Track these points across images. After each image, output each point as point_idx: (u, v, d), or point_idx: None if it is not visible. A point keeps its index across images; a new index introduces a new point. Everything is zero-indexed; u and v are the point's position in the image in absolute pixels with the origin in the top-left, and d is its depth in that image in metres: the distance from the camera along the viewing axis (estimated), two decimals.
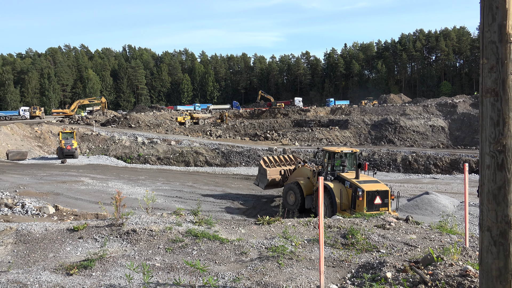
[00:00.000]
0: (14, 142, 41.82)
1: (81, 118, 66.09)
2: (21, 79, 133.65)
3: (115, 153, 41.10)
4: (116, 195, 9.80)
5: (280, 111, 77.46)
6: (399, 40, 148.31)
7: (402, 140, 51.32)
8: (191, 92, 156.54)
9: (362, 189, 15.65)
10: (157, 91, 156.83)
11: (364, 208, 15.30)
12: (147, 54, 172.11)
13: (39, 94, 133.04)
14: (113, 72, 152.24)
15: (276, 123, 65.16)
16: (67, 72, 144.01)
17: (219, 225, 10.23)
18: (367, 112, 71.91)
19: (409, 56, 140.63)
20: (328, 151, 18.46)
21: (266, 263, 7.64)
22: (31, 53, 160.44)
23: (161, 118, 68.75)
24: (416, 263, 6.86)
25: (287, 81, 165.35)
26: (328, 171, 18.02)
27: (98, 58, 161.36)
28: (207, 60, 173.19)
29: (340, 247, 8.68)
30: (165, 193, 21.37)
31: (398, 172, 34.43)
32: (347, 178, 16.88)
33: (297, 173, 20.54)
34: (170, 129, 56.57)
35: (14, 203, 14.66)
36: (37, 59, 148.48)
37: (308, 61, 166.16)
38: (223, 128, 59.32)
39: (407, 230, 9.98)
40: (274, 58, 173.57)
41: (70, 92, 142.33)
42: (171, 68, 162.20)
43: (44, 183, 22.07)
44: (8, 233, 9.33)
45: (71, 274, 7.16)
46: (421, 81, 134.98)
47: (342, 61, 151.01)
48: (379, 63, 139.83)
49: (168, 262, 7.80)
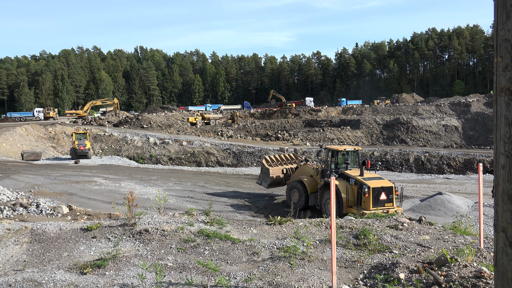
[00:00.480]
0: (29, 142, 42.44)
1: (94, 119, 66.80)
2: (35, 81, 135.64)
3: (127, 153, 41.44)
4: (129, 195, 9.89)
5: (291, 111, 77.31)
6: (411, 39, 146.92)
7: (414, 140, 50.83)
8: (202, 93, 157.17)
9: (368, 186, 15.90)
10: (168, 92, 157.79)
11: (370, 204, 15.61)
12: (159, 55, 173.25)
13: (53, 96, 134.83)
14: (125, 73, 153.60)
15: (287, 123, 65.06)
16: (80, 73, 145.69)
17: (231, 225, 10.26)
18: (379, 112, 71.39)
19: (422, 55, 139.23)
20: (331, 150, 18.72)
21: (278, 264, 7.63)
22: (45, 55, 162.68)
23: (173, 119, 69.14)
24: (429, 264, 6.80)
25: (298, 81, 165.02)
26: (332, 169, 18.23)
27: (111, 59, 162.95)
28: (218, 60, 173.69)
29: (352, 248, 8.64)
30: (177, 193, 21.49)
31: (410, 172, 34.10)
32: (351, 176, 17.08)
33: (300, 171, 20.73)
34: (182, 130, 56.86)
35: (29, 203, 14.88)
36: (51, 61, 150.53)
37: (319, 61, 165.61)
38: (234, 129, 59.42)
39: (420, 230, 9.89)
40: (285, 58, 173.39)
41: (83, 93, 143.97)
42: (183, 69, 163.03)
43: (58, 183, 22.35)
44: (23, 233, 9.47)
45: (85, 273, 7.25)
46: (434, 80, 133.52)
47: (354, 60, 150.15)
48: (391, 63, 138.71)
49: (180, 261, 7.84)
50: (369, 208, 15.63)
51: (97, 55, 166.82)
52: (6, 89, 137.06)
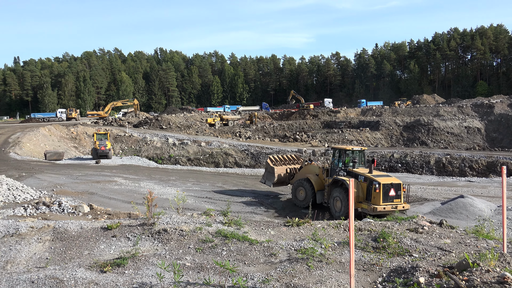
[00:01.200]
0: (52, 143, 43.38)
1: (115, 120, 67.82)
2: (58, 82, 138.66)
3: (146, 154, 41.94)
4: (148, 195, 10.00)
5: (310, 112, 76.97)
6: (433, 39, 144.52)
7: (435, 142, 49.96)
8: (220, 94, 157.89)
9: (379, 182, 16.40)
10: (187, 93, 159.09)
11: (380, 199, 16.15)
12: (178, 57, 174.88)
13: (75, 97, 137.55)
14: (145, 75, 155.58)
15: (305, 125, 64.79)
16: (102, 75, 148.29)
17: (249, 226, 10.27)
18: (399, 113, 70.43)
19: (443, 55, 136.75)
20: (339, 149, 19.39)
21: (296, 265, 7.60)
22: (67, 57, 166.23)
23: (192, 120, 69.66)
24: (450, 269, 6.67)
25: (316, 82, 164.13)
26: (340, 168, 18.71)
27: (131, 61, 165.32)
28: (237, 62, 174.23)
29: (371, 251, 8.54)
30: (195, 193, 21.63)
31: (431, 174, 33.51)
32: (360, 173, 17.64)
33: (305, 170, 21.26)
34: (200, 131, 57.24)
35: (51, 202, 15.19)
36: (73, 63, 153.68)
37: (338, 62, 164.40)
38: (253, 130, 59.49)
39: (441, 234, 9.72)
40: (303, 59, 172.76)
41: (104, 95, 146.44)
42: (201, 70, 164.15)
43: (79, 183, 22.77)
44: (46, 231, 9.68)
45: (105, 272, 7.36)
46: (456, 81, 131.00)
47: (373, 61, 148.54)
48: (411, 63, 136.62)
49: (198, 262, 7.89)
50: (379, 204, 16.16)
51: (118, 57, 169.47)
52: (31, 90, 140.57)
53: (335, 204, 18.00)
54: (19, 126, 59.26)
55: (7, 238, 9.28)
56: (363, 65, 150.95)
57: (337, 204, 17.93)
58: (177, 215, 11.02)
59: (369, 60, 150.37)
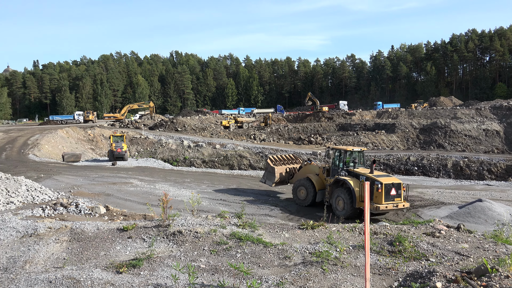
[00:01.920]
0: (69, 145, 44.07)
1: (131, 122, 68.56)
2: (76, 85, 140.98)
3: (162, 156, 42.27)
4: (163, 197, 10.08)
5: (325, 115, 76.59)
6: (450, 40, 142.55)
7: (453, 145, 49.18)
8: (235, 96, 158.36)
9: (381, 182, 16.95)
10: (202, 96, 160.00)
11: (382, 198, 16.73)
12: (193, 60, 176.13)
13: (92, 99, 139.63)
14: (160, 78, 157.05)
15: (320, 127, 64.49)
16: (118, 78, 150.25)
17: (263, 229, 10.26)
18: (415, 116, 69.56)
19: (461, 57, 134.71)
20: (339, 149, 19.98)
21: (310, 268, 7.57)
22: (85, 60, 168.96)
23: (206, 122, 69.99)
24: (468, 274, 6.55)
25: (331, 85, 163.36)
26: (341, 168, 19.26)
27: (147, 64, 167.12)
28: (252, 64, 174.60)
29: (387, 254, 8.45)
30: (209, 195, 21.70)
31: (448, 178, 32.99)
32: (361, 173, 18.20)
33: (304, 170, 21.80)
34: (215, 133, 57.44)
35: (68, 203, 15.42)
36: (91, 66, 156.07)
37: (353, 64, 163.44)
38: (267, 132, 59.47)
39: (458, 238, 9.56)
40: (318, 62, 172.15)
41: (120, 97, 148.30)
42: (216, 73, 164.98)
43: (96, 184, 23.07)
44: (63, 231, 9.83)
45: (121, 272, 7.44)
46: (474, 83, 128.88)
47: (389, 63, 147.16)
48: (428, 65, 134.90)
49: (212, 264, 7.91)
50: (382, 203, 16.76)
51: (134, 60, 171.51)
52: (49, 93, 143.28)
53: (338, 204, 18.50)
54: (38, 128, 60.37)
55: (26, 238, 9.45)
56: (379, 67, 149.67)
57: (340, 203, 18.38)
58: (191, 217, 11.08)
59: (385, 62, 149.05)
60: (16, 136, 46.35)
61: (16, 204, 15.26)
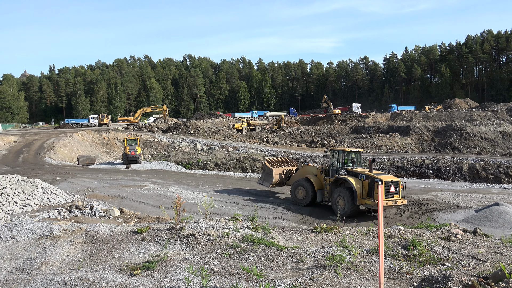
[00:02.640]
0: (84, 148, 44.64)
1: (145, 126, 69.16)
2: (91, 89, 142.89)
3: (175, 159, 42.53)
4: (176, 200, 10.13)
5: (338, 117, 76.22)
6: (465, 42, 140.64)
7: (468, 148, 48.46)
8: (248, 99, 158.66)
9: (381, 180, 17.76)
10: (215, 99, 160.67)
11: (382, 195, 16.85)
12: (206, 63, 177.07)
13: (107, 103, 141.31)
14: (174, 81, 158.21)
15: (333, 130, 64.19)
16: (132, 81, 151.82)
17: (276, 232, 10.23)
18: (430, 118, 68.78)
19: (476, 58, 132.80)
20: (338, 150, 20.83)
21: (323, 272, 7.52)
22: (100, 65, 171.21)
23: (219, 125, 70.24)
24: (485, 279, 6.43)
25: (344, 87, 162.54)
26: (339, 167, 20.06)
27: (160, 67, 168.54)
28: (264, 67, 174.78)
29: (401, 259, 8.35)
30: (222, 198, 21.74)
31: (464, 181, 32.48)
32: (360, 172, 19.14)
33: (302, 171, 22.44)
34: (228, 136, 57.60)
35: (83, 205, 15.61)
36: (105, 70, 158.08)
37: (366, 66, 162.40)
38: (280, 135, 59.41)
39: (474, 243, 9.40)
40: (331, 64, 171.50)
41: (134, 101, 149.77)
42: (229, 76, 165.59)
43: (110, 187, 23.29)
44: (78, 233, 9.95)
45: (135, 275, 7.49)
46: (490, 84, 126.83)
47: (403, 65, 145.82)
48: (442, 67, 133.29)
49: (225, 266, 7.91)
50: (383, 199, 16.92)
51: (148, 63, 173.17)
52: (65, 97, 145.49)
53: (338, 202, 19.16)
54: (54, 132, 61.29)
55: (42, 240, 9.59)
56: (393, 69, 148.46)
57: (340, 202, 19.05)
58: (205, 219, 11.12)
59: (398, 64, 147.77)
60: (32, 140, 47.12)
61: (32, 206, 15.51)
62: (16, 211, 14.69)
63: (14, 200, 15.40)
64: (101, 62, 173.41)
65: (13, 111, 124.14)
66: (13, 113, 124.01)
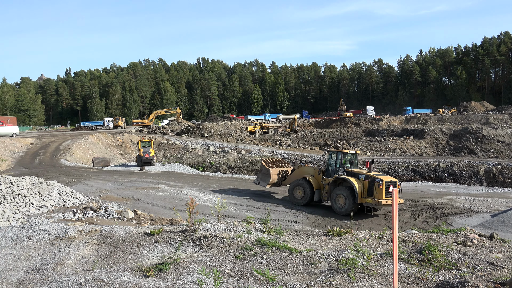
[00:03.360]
0: (99, 150, 45.16)
1: (158, 128, 69.69)
2: (106, 92, 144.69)
3: (188, 161, 42.74)
4: (190, 202, 10.18)
5: (351, 120, 75.75)
6: (481, 44, 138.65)
7: (485, 151, 47.67)
8: (261, 102, 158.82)
9: (382, 180, 18.87)
10: (228, 102, 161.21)
11: (383, 194, 18.57)
12: (219, 66, 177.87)
13: (121, 106, 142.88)
14: (187, 84, 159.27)
15: (346, 133, 63.79)
16: (146, 84, 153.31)
17: (289, 235, 10.20)
18: (445, 121, 67.92)
19: (493, 60, 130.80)
20: (337, 152, 21.87)
21: (336, 276, 7.47)
22: (115, 68, 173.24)
23: (232, 128, 70.37)
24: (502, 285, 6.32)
25: (358, 90, 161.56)
26: (338, 168, 20.97)
27: (174, 71, 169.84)
28: (277, 70, 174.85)
29: (416, 263, 8.25)
30: (235, 201, 21.77)
31: (480, 185, 31.95)
32: (360, 173, 20.08)
33: (299, 172, 23.26)
34: (241, 139, 57.67)
35: (98, 207, 15.79)
36: (120, 73, 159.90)
37: (380, 68, 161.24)
38: (293, 138, 59.27)
39: (491, 248, 9.23)
40: (345, 67, 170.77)
41: (148, 103, 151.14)
42: (242, 79, 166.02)
43: (124, 189, 23.52)
44: (93, 235, 10.06)
45: (148, 276, 7.54)
46: (507, 87, 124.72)
47: (418, 68, 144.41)
48: (458, 69, 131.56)
49: (238, 269, 7.92)
50: (383, 198, 18.63)
51: (162, 67, 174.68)
52: (80, 100, 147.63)
53: (338, 201, 20.08)
54: (70, 134, 62.17)
55: (57, 241, 9.72)
56: (407, 72, 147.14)
57: (340, 200, 19.97)
58: (217, 222, 11.14)
59: (413, 67, 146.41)
60: (49, 142, 47.86)
61: (48, 207, 15.74)
62: (33, 212, 14.93)
63: (31, 201, 15.66)
64: (116, 65, 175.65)
65: (30, 114, 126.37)
66: (30, 115, 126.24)
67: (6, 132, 56.06)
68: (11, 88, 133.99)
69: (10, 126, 64.69)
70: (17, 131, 60.25)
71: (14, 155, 39.36)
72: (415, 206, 21.54)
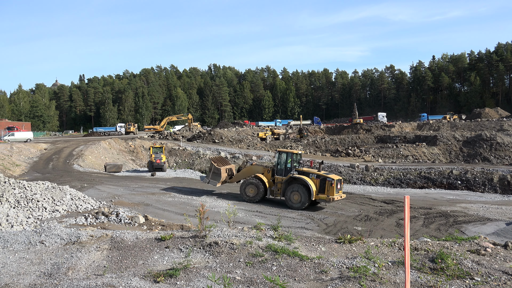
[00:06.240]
0: (111, 155, 45.57)
1: (170, 134, 70.11)
2: (119, 98, 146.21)
3: (199, 167, 42.86)
4: (200, 208, 10.20)
5: (363, 126, 75.38)
6: (495, 49, 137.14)
7: (499, 158, 46.98)
8: (272, 108, 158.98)
9: (333, 179, 21.05)
10: (239, 108, 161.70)
11: (334, 191, 20.75)
12: (231, 72, 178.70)
13: (134, 112, 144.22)
14: (199, 90, 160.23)
15: (358, 139, 63.45)
16: (158, 91, 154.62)
17: (299, 242, 10.15)
18: (458, 128, 67.19)
19: (507, 66, 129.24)
20: (286, 152, 23.26)
21: (347, 284, 7.40)
22: (127, 74, 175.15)
23: (243, 134, 70.48)
24: None
25: (370, 96, 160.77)
26: (289, 167, 22.45)
27: (186, 77, 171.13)
28: (289, 76, 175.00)
29: (428, 272, 8.13)
30: (245, 207, 21.74)
31: (495, 193, 31.43)
32: (311, 172, 21.93)
33: (248, 170, 24.61)
34: (252, 145, 57.72)
35: (109, 212, 15.90)
36: (133, 80, 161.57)
37: (392, 75, 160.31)
38: (304, 144, 59.14)
39: (506, 257, 9.07)
40: (356, 73, 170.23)
41: (160, 110, 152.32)
42: (253, 85, 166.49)
43: (135, 194, 23.66)
44: (104, 240, 10.13)
45: (158, 282, 7.56)
46: None
47: (430, 74, 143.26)
48: (472, 75, 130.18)
49: (248, 276, 7.89)
50: (334, 194, 20.81)
51: (174, 73, 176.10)
52: (94, 106, 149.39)
53: (293, 197, 21.59)
54: (83, 140, 62.86)
55: (69, 245, 9.81)
56: (419, 78, 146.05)
57: (295, 197, 21.52)
58: (228, 228, 11.13)
59: (425, 73, 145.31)
60: (62, 147, 48.46)
61: (61, 212, 15.90)
62: (45, 216, 15.09)
63: (44, 206, 15.83)
64: (129, 71, 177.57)
65: (44, 120, 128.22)
66: (44, 121, 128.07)
67: (20, 138, 56.92)
68: (26, 94, 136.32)
69: (25, 132, 65.64)
70: (32, 137, 61.11)
71: (28, 160, 39.93)
72: (427, 213, 21.26)
